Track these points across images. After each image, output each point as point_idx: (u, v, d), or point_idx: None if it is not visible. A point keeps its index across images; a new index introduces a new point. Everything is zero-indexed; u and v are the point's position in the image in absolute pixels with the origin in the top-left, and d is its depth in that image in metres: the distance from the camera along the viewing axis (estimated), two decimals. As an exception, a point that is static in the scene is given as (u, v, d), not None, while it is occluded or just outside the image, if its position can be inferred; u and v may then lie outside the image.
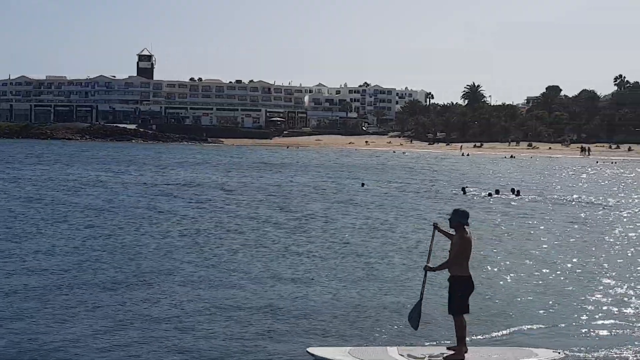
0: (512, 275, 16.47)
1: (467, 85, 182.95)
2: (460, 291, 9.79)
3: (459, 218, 9.87)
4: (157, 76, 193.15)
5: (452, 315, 9.94)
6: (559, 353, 10.22)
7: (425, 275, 10.27)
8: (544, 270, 17.05)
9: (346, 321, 12.39)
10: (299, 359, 10.30)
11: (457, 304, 9.81)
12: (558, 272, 16.91)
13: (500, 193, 37.82)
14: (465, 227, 9.86)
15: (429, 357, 9.84)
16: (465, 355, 9.83)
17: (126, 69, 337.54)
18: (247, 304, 13.39)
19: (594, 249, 20.62)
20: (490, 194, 37.39)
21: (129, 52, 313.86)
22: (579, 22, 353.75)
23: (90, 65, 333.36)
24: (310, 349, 10.14)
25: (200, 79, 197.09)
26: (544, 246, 20.85)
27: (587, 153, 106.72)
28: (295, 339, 11.27)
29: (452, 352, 9.90)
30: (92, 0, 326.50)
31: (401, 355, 9.88)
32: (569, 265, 17.90)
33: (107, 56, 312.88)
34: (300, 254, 18.86)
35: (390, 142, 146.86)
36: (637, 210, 32.14)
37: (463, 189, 39.89)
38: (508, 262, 18.07)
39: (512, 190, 38.08)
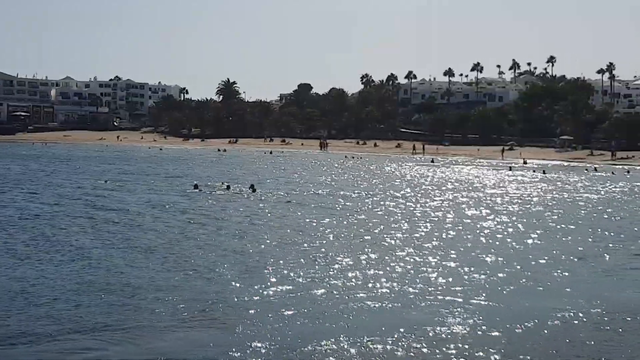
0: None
1: (222, 82, 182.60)
2: None
3: None
4: None
5: None
6: None
7: None
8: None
9: None
10: None
11: None
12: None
13: (232, 188, 39.32)
14: None
15: None
16: None
17: None
18: None
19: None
20: (195, 185, 39.57)
21: None
22: (325, 22, 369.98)
23: None
24: None
25: None
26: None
27: (325, 148, 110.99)
28: None
29: None
30: None
31: None
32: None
33: None
34: None
35: (143, 138, 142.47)
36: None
37: (195, 185, 40.17)
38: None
39: (251, 187, 39.07)
